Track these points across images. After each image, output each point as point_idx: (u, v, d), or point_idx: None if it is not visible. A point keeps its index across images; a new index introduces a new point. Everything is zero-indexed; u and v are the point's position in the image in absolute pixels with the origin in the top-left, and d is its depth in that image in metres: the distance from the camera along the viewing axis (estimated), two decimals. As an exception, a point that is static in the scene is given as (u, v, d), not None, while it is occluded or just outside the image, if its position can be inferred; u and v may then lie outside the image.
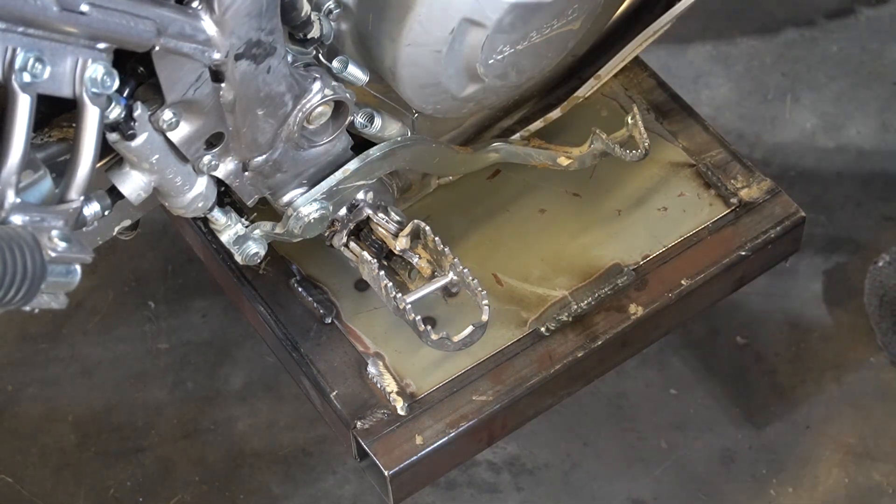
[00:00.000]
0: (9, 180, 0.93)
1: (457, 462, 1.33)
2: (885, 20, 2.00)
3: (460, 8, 1.12)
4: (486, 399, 1.28)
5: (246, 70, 1.06)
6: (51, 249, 0.94)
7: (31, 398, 1.69)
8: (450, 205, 1.41)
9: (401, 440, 1.26)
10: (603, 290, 1.34)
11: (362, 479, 1.60)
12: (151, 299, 1.76)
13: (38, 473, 1.63)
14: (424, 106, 1.23)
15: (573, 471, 1.61)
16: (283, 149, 1.16)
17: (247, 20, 1.02)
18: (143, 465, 1.63)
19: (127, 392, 1.69)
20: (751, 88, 1.91)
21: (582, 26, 1.25)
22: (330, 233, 1.29)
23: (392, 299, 1.24)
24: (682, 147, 1.45)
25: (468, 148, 1.33)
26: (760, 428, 1.61)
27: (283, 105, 1.12)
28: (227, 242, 1.23)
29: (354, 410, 1.27)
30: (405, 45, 1.14)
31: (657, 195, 1.41)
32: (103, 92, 0.97)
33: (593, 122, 1.37)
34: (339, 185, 1.21)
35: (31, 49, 0.91)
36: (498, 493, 1.60)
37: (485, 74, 1.20)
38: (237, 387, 1.68)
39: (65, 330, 1.74)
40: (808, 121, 1.89)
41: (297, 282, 1.36)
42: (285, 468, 1.63)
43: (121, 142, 1.05)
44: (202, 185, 1.14)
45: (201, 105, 1.06)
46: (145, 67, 1.03)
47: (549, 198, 1.42)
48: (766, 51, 1.95)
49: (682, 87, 1.53)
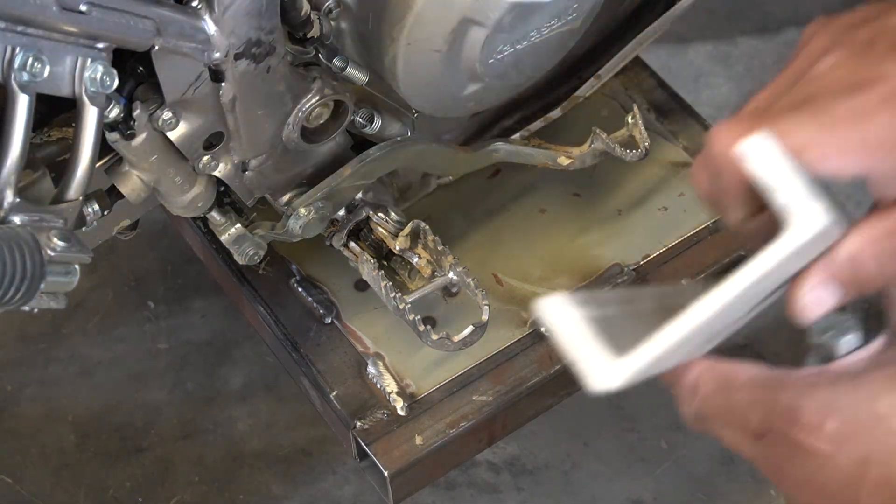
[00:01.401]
0: (8, 180, 0.93)
1: (457, 462, 1.33)
2: (885, 20, 1.99)
3: (460, 7, 1.12)
4: (486, 399, 1.28)
5: (246, 70, 1.06)
6: (50, 249, 0.94)
7: (31, 398, 1.69)
8: (450, 205, 1.41)
9: (401, 440, 1.26)
10: (603, 290, 1.34)
11: (362, 479, 1.60)
12: (151, 299, 1.76)
13: (37, 473, 1.63)
14: (424, 106, 1.23)
15: (573, 471, 1.60)
16: (283, 149, 1.16)
17: (246, 20, 1.02)
18: (142, 466, 1.63)
19: (127, 392, 1.69)
20: (751, 88, 1.91)
21: (582, 26, 1.25)
22: (330, 233, 1.29)
23: (392, 299, 1.23)
24: (682, 147, 1.44)
25: (468, 148, 1.33)
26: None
27: (282, 105, 1.12)
28: (226, 242, 1.22)
29: (354, 410, 1.27)
30: (405, 45, 1.14)
31: (657, 195, 1.41)
32: (103, 91, 0.97)
33: (593, 122, 1.37)
34: (338, 185, 1.21)
35: (30, 48, 0.91)
36: (498, 493, 1.60)
37: (485, 74, 1.20)
38: (237, 387, 1.68)
39: (64, 330, 1.74)
40: (809, 121, 1.89)
41: (297, 282, 1.35)
42: (285, 468, 1.62)
43: (120, 141, 1.05)
44: (202, 184, 1.14)
45: (201, 105, 1.06)
46: (145, 67, 1.03)
47: (549, 198, 1.42)
48: (766, 51, 1.95)
49: (682, 87, 1.53)
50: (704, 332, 0.75)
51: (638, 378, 0.72)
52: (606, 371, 0.70)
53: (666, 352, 0.70)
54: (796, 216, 0.68)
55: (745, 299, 0.72)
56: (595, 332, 0.72)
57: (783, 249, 0.69)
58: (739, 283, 0.70)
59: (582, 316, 0.72)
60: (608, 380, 0.70)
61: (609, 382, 0.70)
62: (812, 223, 0.68)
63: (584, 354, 0.71)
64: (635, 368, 0.70)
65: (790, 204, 0.68)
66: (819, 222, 0.68)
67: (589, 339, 0.72)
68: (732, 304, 0.71)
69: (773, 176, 0.69)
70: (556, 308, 0.73)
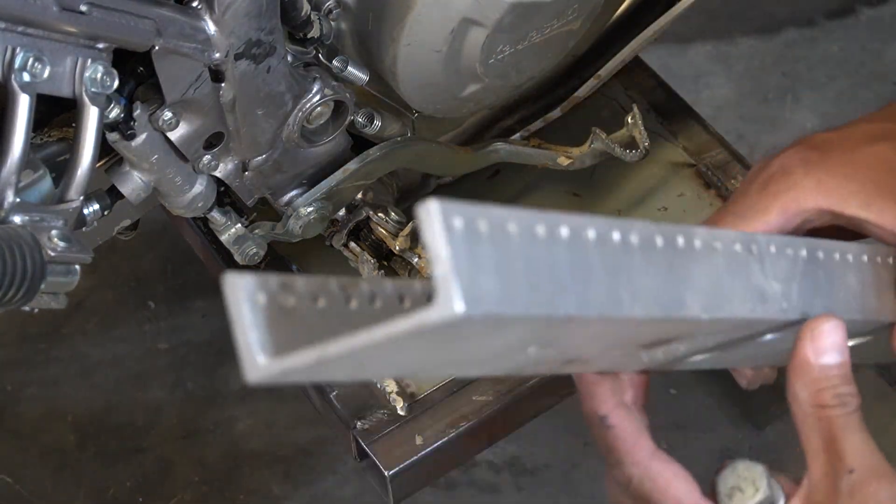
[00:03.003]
0: (8, 180, 0.93)
1: (457, 462, 1.33)
2: (885, 20, 2.00)
3: (460, 8, 1.12)
4: (486, 399, 1.28)
5: (246, 70, 1.06)
6: (50, 249, 0.94)
7: (31, 398, 1.69)
8: (450, 205, 1.41)
9: (401, 440, 1.26)
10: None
11: (362, 479, 1.60)
12: (151, 299, 1.76)
13: (37, 473, 1.63)
14: (424, 106, 1.23)
15: (573, 471, 1.60)
16: (283, 149, 1.16)
17: (246, 20, 1.02)
18: (142, 465, 1.63)
19: (127, 392, 1.69)
20: (751, 88, 1.91)
21: (582, 26, 1.25)
22: (330, 233, 1.29)
23: (392, 299, 1.23)
24: (682, 147, 1.44)
25: (468, 148, 1.33)
26: (760, 428, 1.61)
27: (282, 105, 1.12)
28: (226, 242, 1.22)
29: (354, 410, 1.27)
30: (405, 45, 1.14)
31: (657, 195, 1.41)
32: (103, 92, 0.97)
33: (593, 122, 1.37)
34: (338, 185, 1.21)
35: (30, 49, 0.91)
36: (498, 493, 1.60)
37: (485, 74, 1.20)
38: (237, 387, 1.68)
39: (64, 330, 1.74)
40: (809, 121, 1.89)
41: (296, 282, 1.35)
42: (285, 468, 1.63)
43: (120, 141, 1.05)
44: (202, 184, 1.14)
45: (201, 105, 1.06)
46: (145, 67, 1.03)
47: (549, 198, 1.42)
48: (766, 51, 1.95)
49: (682, 87, 1.53)
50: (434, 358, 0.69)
51: (296, 378, 0.67)
52: (254, 364, 0.66)
53: (318, 364, 0.63)
54: (439, 297, 0.57)
55: (423, 345, 0.63)
56: (266, 320, 0.67)
57: (401, 326, 0.59)
58: (357, 340, 0.60)
59: (261, 300, 0.68)
60: (254, 374, 0.66)
61: (255, 377, 0.66)
62: (442, 312, 0.57)
63: (243, 340, 0.67)
64: (280, 370, 0.65)
65: (442, 279, 0.57)
66: (450, 313, 0.57)
67: (253, 325, 0.67)
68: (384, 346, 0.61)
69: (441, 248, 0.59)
70: (234, 286, 0.68)
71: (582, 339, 0.70)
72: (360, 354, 0.61)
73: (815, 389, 0.78)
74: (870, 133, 0.96)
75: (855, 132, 0.96)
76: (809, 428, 0.79)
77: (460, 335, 0.61)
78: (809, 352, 0.78)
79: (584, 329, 0.66)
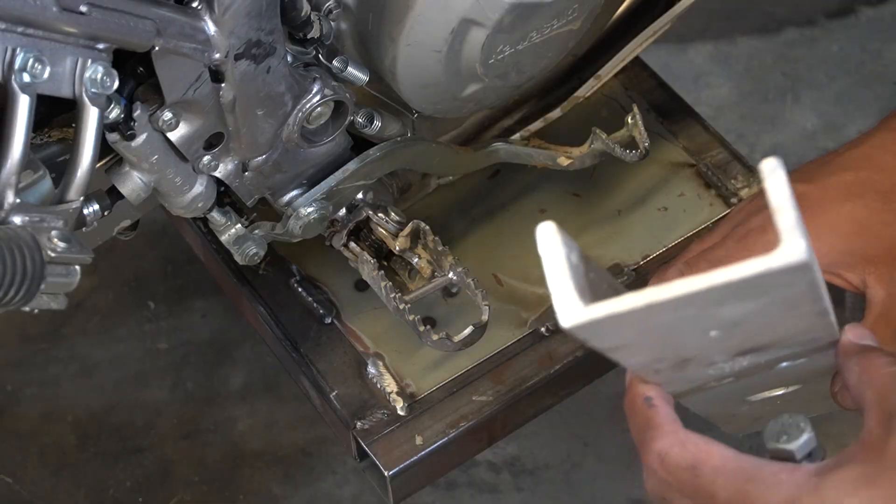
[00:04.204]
0: (8, 180, 0.93)
1: (457, 462, 1.33)
2: (885, 20, 2.00)
3: (460, 8, 1.12)
4: (486, 399, 1.28)
5: (246, 70, 1.06)
6: (50, 250, 0.94)
7: (31, 398, 1.69)
8: (450, 205, 1.41)
9: (401, 440, 1.26)
10: None
11: (362, 479, 1.60)
12: (151, 299, 1.76)
13: (37, 473, 1.63)
14: (424, 106, 1.23)
15: (573, 471, 1.60)
16: (283, 149, 1.16)
17: (247, 20, 1.02)
18: (142, 466, 1.63)
19: (127, 392, 1.69)
20: (751, 88, 1.91)
21: (582, 26, 1.25)
22: (330, 233, 1.29)
23: (392, 299, 1.24)
24: (682, 147, 1.44)
25: (468, 148, 1.33)
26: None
27: (282, 105, 1.12)
28: (226, 242, 1.22)
29: (354, 411, 1.27)
30: (405, 45, 1.14)
31: (657, 195, 1.41)
32: (103, 92, 0.97)
33: (593, 122, 1.37)
34: (338, 185, 1.21)
35: (30, 49, 0.91)
36: (498, 493, 1.60)
37: (485, 74, 1.20)
38: (237, 387, 1.68)
39: (64, 330, 1.74)
40: (809, 121, 1.89)
41: (296, 282, 1.35)
42: (285, 468, 1.63)
43: (120, 142, 1.05)
44: (202, 185, 1.14)
45: (201, 105, 1.06)
46: (145, 68, 1.03)
47: (549, 198, 1.42)
48: (766, 51, 1.95)
49: (682, 87, 1.53)
50: (669, 334, 0.78)
51: (595, 332, 0.76)
52: (572, 309, 0.75)
53: (628, 314, 0.73)
54: (784, 243, 0.70)
55: (706, 305, 0.74)
56: (572, 274, 0.76)
57: (753, 268, 0.71)
58: (701, 282, 0.72)
59: (567, 255, 0.77)
60: (571, 317, 0.74)
61: (571, 320, 0.74)
62: (793, 254, 0.70)
63: (558, 289, 0.76)
64: (596, 316, 0.74)
65: (785, 230, 0.71)
66: (799, 256, 0.70)
67: (566, 276, 0.76)
68: (692, 300, 0.72)
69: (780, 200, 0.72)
70: (550, 237, 0.77)
71: None
72: (671, 306, 0.72)
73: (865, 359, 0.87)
74: (845, 188, 1.06)
75: (830, 184, 1.07)
76: (864, 386, 0.85)
77: (764, 290, 0.73)
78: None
79: None
